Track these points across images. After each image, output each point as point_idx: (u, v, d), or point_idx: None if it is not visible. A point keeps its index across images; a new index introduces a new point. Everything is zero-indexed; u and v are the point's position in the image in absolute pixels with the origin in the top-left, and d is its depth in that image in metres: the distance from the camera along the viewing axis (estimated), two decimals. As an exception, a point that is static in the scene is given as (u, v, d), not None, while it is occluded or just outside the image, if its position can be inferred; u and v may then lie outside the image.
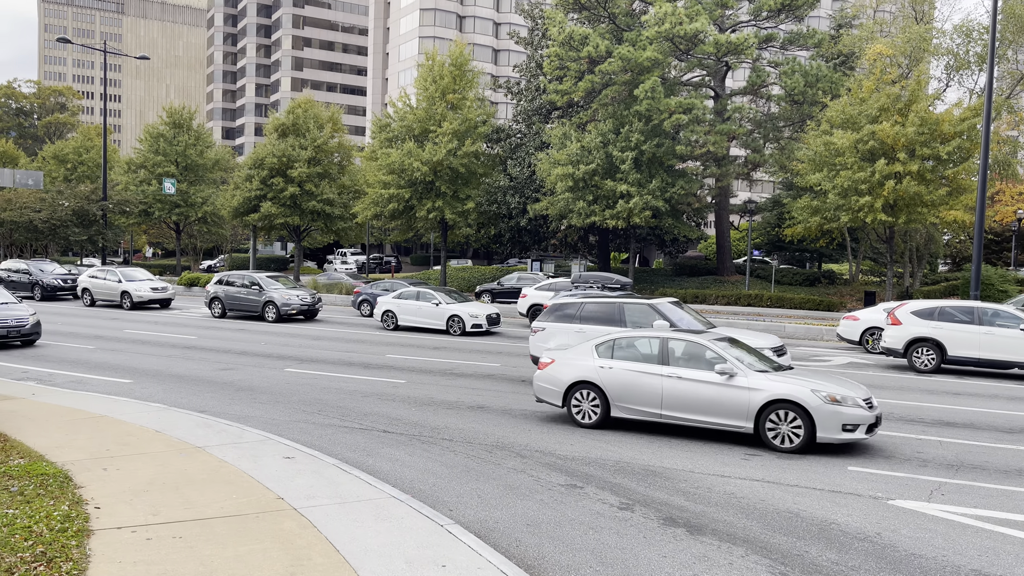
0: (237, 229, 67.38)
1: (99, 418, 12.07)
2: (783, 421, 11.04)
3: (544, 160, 40.86)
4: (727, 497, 8.94)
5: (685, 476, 9.80)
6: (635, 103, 38.57)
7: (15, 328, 20.89)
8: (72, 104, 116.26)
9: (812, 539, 7.60)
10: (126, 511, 7.55)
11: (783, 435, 11.06)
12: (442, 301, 26.98)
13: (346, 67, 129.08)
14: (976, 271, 25.03)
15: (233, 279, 31.28)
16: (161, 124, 58.71)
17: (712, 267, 49.03)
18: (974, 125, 32.24)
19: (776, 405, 11.06)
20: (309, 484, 8.61)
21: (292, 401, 14.37)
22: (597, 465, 10.25)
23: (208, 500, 7.98)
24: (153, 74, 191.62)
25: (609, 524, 7.89)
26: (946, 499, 9.07)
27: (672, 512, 8.34)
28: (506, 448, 11.10)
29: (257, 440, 10.80)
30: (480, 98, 44.67)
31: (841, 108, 33.56)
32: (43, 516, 7.12)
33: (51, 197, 50.79)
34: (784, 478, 9.77)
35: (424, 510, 7.81)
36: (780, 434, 11.07)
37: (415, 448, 11.01)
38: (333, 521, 7.37)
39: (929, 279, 47.56)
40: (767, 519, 8.18)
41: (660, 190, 38.17)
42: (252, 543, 6.76)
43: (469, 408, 13.95)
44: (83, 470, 9.01)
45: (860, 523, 8.10)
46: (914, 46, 43.05)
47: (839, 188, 32.24)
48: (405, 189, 41.53)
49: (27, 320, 21.19)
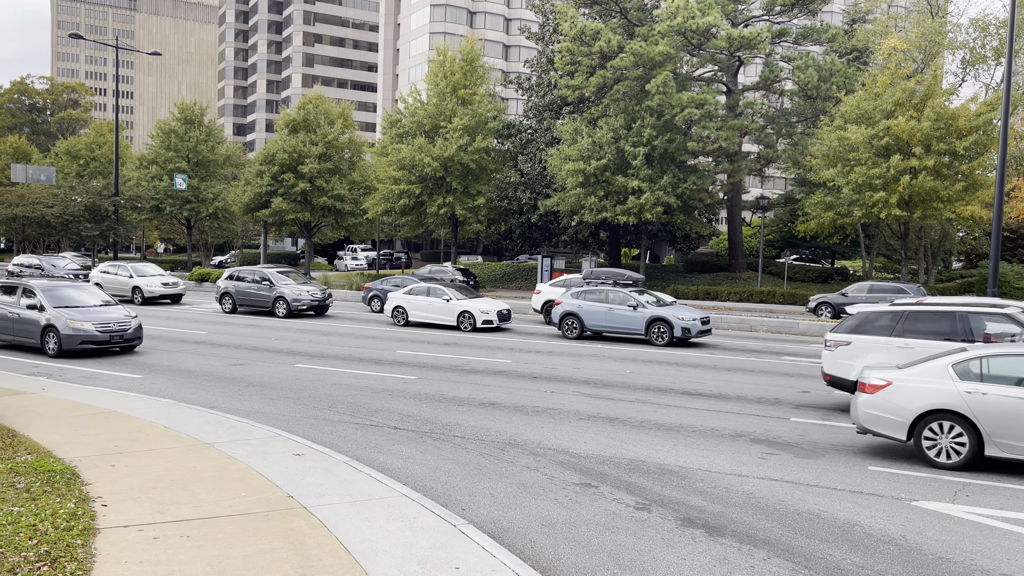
0: (248, 225, 67.41)
1: (108, 414, 11.97)
2: None
3: (555, 156, 40.64)
4: (746, 497, 8.74)
5: (702, 476, 9.60)
6: (647, 98, 38.28)
7: (118, 333, 18.76)
8: (84, 100, 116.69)
9: (835, 541, 7.39)
10: (133, 509, 7.42)
11: None
12: (453, 297, 26.82)
13: (357, 63, 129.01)
14: (994, 268, 24.63)
15: (244, 274, 31.22)
16: (173, 120, 58.77)
17: (724, 263, 48.68)
18: (991, 120, 31.81)
19: None
20: (319, 482, 8.46)
21: (302, 397, 14.24)
22: (611, 463, 10.06)
23: (217, 498, 7.84)
24: (165, 70, 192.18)
25: (626, 525, 7.71)
26: (971, 500, 8.83)
27: (690, 512, 8.15)
28: (518, 446, 10.93)
29: (267, 437, 10.67)
30: (491, 94, 44.48)
31: (855, 103, 33.20)
32: (49, 514, 6.99)
33: (63, 192, 50.92)
34: (803, 478, 9.56)
35: (436, 509, 7.65)
36: None
37: (426, 445, 10.86)
38: (344, 520, 7.21)
39: (943, 276, 47.08)
40: (788, 520, 7.98)
41: (672, 186, 37.89)
42: (261, 543, 6.61)
43: (480, 405, 13.78)
44: (91, 466, 8.89)
45: (884, 525, 7.89)
46: (929, 40, 42.59)
47: (853, 184, 31.89)
48: (416, 185, 41.39)
49: (129, 324, 19.14)
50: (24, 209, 50.53)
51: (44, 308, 18.65)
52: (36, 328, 18.59)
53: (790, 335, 27.55)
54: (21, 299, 19.19)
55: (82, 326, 18.29)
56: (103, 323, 18.59)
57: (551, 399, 14.40)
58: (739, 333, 27.79)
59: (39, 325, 18.53)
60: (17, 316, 19.08)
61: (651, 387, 15.88)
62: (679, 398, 14.76)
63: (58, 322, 18.22)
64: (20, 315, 19.01)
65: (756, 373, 18.08)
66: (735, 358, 20.66)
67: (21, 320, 18.99)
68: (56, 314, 18.42)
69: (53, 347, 18.26)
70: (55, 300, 18.91)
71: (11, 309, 19.28)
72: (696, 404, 14.19)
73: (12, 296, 19.54)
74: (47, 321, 18.39)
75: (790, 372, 18.34)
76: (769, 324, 28.71)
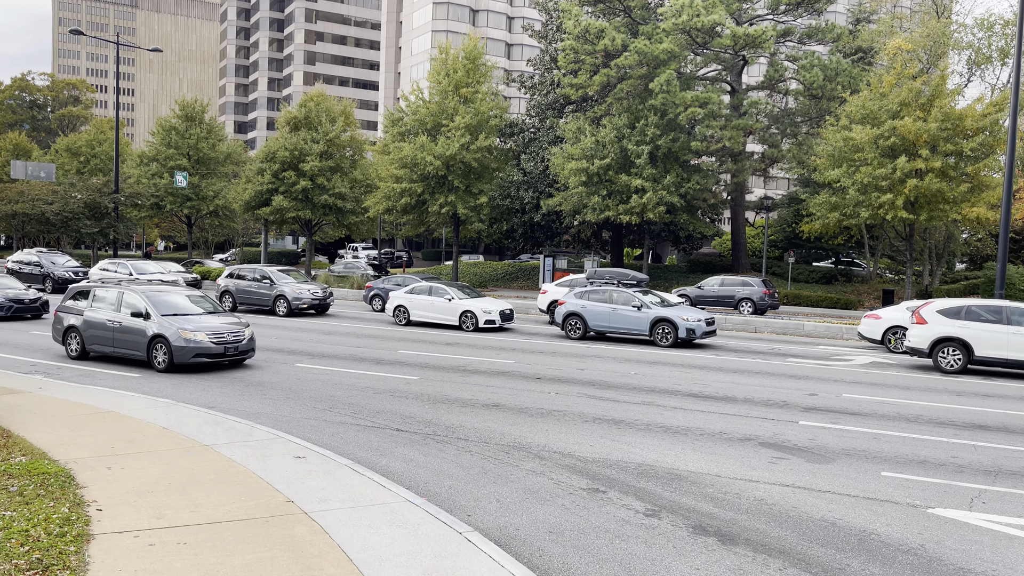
0: (248, 223, 67.20)
1: (105, 413, 11.76)
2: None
3: (558, 154, 40.42)
4: (757, 504, 8.51)
5: (711, 481, 9.38)
6: (650, 97, 38.07)
7: (232, 344, 16.71)
8: (85, 97, 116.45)
9: (852, 551, 7.16)
10: (129, 514, 7.20)
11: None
12: (455, 296, 26.60)
13: (358, 62, 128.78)
14: (1001, 270, 24.43)
15: (244, 273, 31.00)
16: (173, 117, 58.48)
17: (727, 264, 48.45)
18: (997, 120, 31.58)
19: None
20: (321, 486, 8.24)
21: (303, 397, 14.02)
22: (619, 468, 9.84)
23: (215, 503, 7.62)
24: (166, 68, 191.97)
25: (636, 532, 7.49)
26: (988, 508, 8.62)
27: (701, 519, 7.93)
28: (523, 449, 10.71)
29: (267, 438, 10.45)
30: (493, 92, 44.22)
31: (861, 103, 32.97)
32: (42, 519, 6.77)
33: (63, 189, 50.68)
34: (815, 483, 9.33)
35: (441, 515, 7.42)
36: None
37: (429, 448, 10.64)
38: (346, 527, 6.99)
39: (948, 278, 46.84)
40: (802, 528, 7.75)
41: (675, 185, 37.67)
42: (260, 550, 6.38)
43: (484, 406, 13.56)
44: (86, 469, 8.68)
45: (901, 534, 7.66)
46: (934, 41, 42.33)
47: (859, 184, 31.66)
48: (417, 183, 41.16)
49: (243, 333, 17.07)
50: (24, 206, 50.29)
51: (150, 316, 16.59)
52: (142, 339, 16.55)
53: (795, 336, 27.33)
54: (122, 305, 17.11)
55: (195, 337, 16.23)
56: (216, 333, 16.51)
57: (555, 401, 14.19)
58: (744, 334, 27.57)
59: (145, 336, 16.49)
60: (118, 325, 16.96)
61: (656, 389, 15.66)
62: (685, 400, 14.54)
63: (167, 332, 16.22)
64: (122, 324, 16.90)
65: (762, 375, 17.86)
66: (740, 360, 20.44)
67: (124, 330, 16.89)
68: (165, 323, 16.40)
69: (162, 361, 16.31)
70: (161, 307, 16.87)
71: (110, 316, 17.17)
72: (703, 407, 13.97)
73: (110, 301, 17.46)
74: (156, 331, 16.36)
75: (796, 374, 18.12)
76: (773, 325, 28.48)
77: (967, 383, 17.69)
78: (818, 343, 25.35)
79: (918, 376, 18.55)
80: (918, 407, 14.46)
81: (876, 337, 23.45)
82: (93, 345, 17.41)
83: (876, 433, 12.19)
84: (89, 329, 17.39)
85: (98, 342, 17.30)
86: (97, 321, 17.30)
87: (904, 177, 30.69)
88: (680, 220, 40.83)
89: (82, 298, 17.97)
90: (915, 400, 15.19)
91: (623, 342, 23.69)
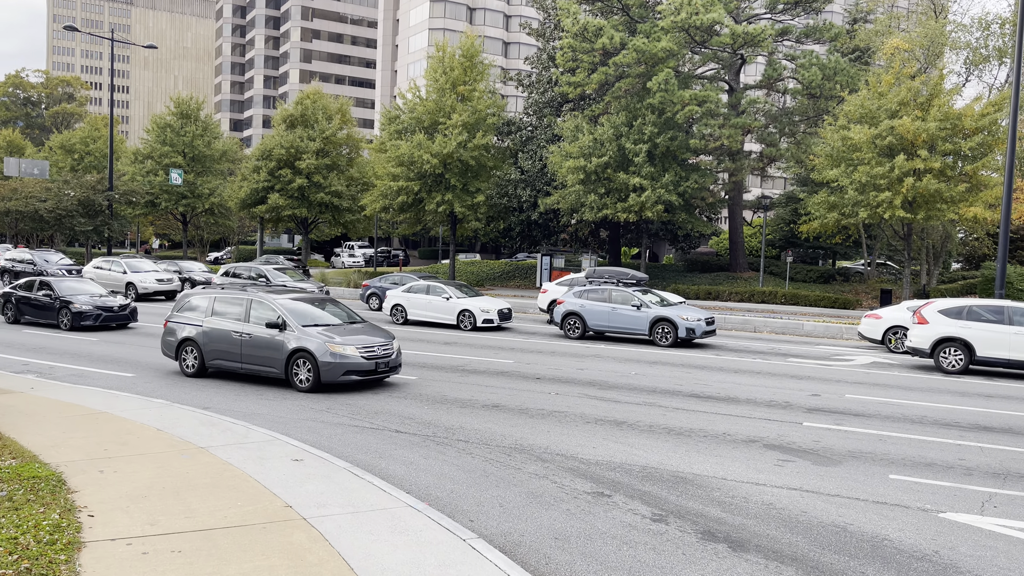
0: (244, 221, 66.84)
1: (98, 415, 11.54)
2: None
3: (556, 153, 40.23)
4: (766, 508, 8.33)
5: (718, 484, 9.19)
6: (649, 95, 37.88)
7: (383, 359, 14.65)
8: (80, 94, 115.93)
9: (866, 558, 6.98)
10: (122, 520, 6.99)
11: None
12: (452, 295, 26.40)
13: (355, 59, 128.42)
14: (1001, 269, 24.31)
15: (240, 271, 30.77)
16: (168, 114, 58.14)
17: (724, 263, 48.31)
18: (996, 120, 31.45)
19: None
20: (319, 490, 8.04)
21: (299, 398, 13.80)
22: (623, 471, 9.65)
23: (211, 508, 7.41)
24: (161, 65, 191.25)
25: (644, 538, 7.30)
26: (1000, 512, 8.45)
27: (710, 525, 7.74)
28: (525, 451, 10.52)
29: (264, 440, 10.24)
30: (491, 90, 44.00)
31: (859, 102, 32.82)
32: (31, 526, 6.55)
33: (57, 187, 50.34)
34: (823, 487, 9.16)
35: (444, 521, 7.22)
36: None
37: (429, 450, 10.44)
38: (346, 534, 6.79)
39: (944, 277, 46.76)
40: (813, 534, 7.57)
41: (673, 184, 37.50)
42: (258, 558, 6.18)
43: (484, 407, 13.36)
44: (78, 472, 8.46)
45: (914, 539, 7.49)
46: (932, 40, 42.25)
47: (857, 184, 31.53)
48: (414, 182, 40.92)
49: (392, 346, 15.11)
50: (17, 203, 49.96)
51: (288, 327, 14.54)
52: (278, 354, 14.48)
53: (795, 336, 27.19)
54: (251, 315, 15.05)
55: (344, 351, 14.18)
56: (367, 347, 14.50)
57: (556, 401, 14.00)
58: (743, 334, 27.42)
59: (283, 350, 14.43)
60: (248, 338, 14.83)
61: (658, 389, 15.49)
62: (687, 401, 14.36)
63: (311, 345, 14.17)
64: (253, 336, 14.78)
65: (764, 375, 17.70)
66: (741, 359, 20.28)
67: (255, 343, 14.77)
68: (307, 335, 14.36)
69: (306, 379, 14.26)
70: (299, 316, 14.86)
71: (239, 328, 15.02)
72: (705, 407, 13.80)
73: (235, 310, 15.32)
74: (296, 344, 14.32)
75: (797, 374, 17.96)
76: (773, 325, 28.34)
77: (969, 384, 17.55)
78: (818, 343, 25.21)
79: (920, 376, 18.40)
80: (922, 408, 14.30)
81: (876, 337, 23.31)
82: (215, 360, 15.31)
83: (881, 435, 12.03)
84: (211, 343, 15.25)
85: (221, 357, 15.20)
86: (220, 333, 15.16)
87: (902, 176, 30.56)
88: (678, 219, 40.67)
89: (225, 305, 15.57)
90: (918, 401, 15.04)
91: (622, 342, 23.51)
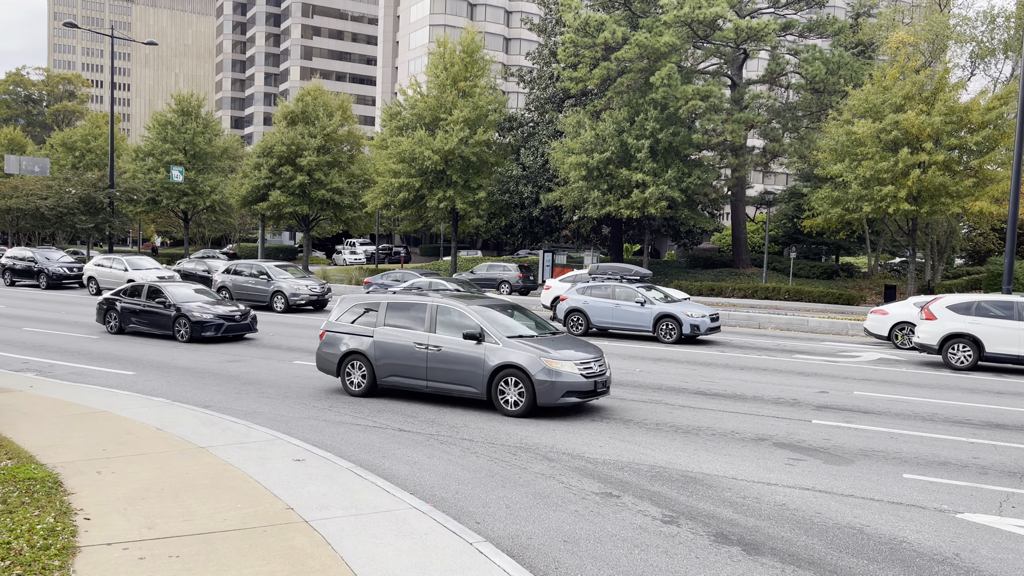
0: (245, 218, 66.70)
1: (97, 413, 11.36)
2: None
3: (558, 149, 40.00)
4: (779, 509, 8.13)
5: (728, 484, 9.00)
6: (651, 91, 37.65)
7: (599, 377, 12.38)
8: (81, 92, 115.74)
9: (885, 562, 6.77)
10: (119, 523, 6.79)
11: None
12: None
13: (356, 56, 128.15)
14: (1009, 265, 24.07)
15: (241, 268, 30.57)
16: (169, 112, 57.94)
17: (727, 259, 48.07)
18: (1002, 114, 31.19)
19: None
20: (322, 492, 7.84)
21: (302, 396, 13.62)
22: (631, 470, 9.46)
23: (210, 510, 7.22)
24: (162, 63, 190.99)
25: (655, 541, 7.10)
26: (1018, 512, 8.25)
27: (722, 527, 7.54)
28: (531, 450, 10.32)
29: (265, 440, 10.05)
30: (492, 86, 43.79)
31: (864, 97, 32.56)
32: (25, 530, 6.35)
33: (58, 184, 50.16)
34: (836, 487, 8.96)
35: (449, 524, 7.02)
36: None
37: (433, 449, 10.25)
38: (349, 537, 6.59)
39: (948, 273, 46.53)
40: (829, 536, 7.37)
41: (676, 180, 37.27)
42: (258, 564, 5.98)
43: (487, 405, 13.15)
44: (75, 473, 8.27)
45: (933, 542, 7.29)
46: (936, 33, 41.93)
47: (861, 178, 31.28)
48: (416, 178, 40.71)
49: (605, 362, 12.85)
50: (18, 201, 49.79)
51: (488, 338, 12.36)
52: (480, 370, 12.28)
53: (800, 332, 26.98)
54: (438, 323, 12.85)
55: (560, 367, 11.95)
56: (583, 362, 12.20)
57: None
58: (747, 330, 27.21)
59: (486, 366, 12.21)
60: (436, 351, 12.66)
61: (663, 386, 15.28)
62: (693, 398, 14.16)
63: (521, 359, 11.99)
64: (443, 349, 12.62)
65: (770, 372, 17.50)
66: (746, 356, 20.08)
67: (446, 357, 12.59)
68: (512, 348, 12.16)
69: (516, 401, 12.09)
70: (500, 326, 12.73)
71: (422, 339, 12.82)
72: (712, 405, 13.60)
73: (416, 317, 13.09)
74: (502, 359, 12.10)
75: (804, 371, 17.76)
76: (778, 321, 28.13)
77: (979, 380, 17.34)
78: (823, 339, 24.99)
79: (928, 373, 18.19)
80: (932, 405, 14.10)
81: (883, 333, 23.09)
82: (390, 377, 13.23)
83: (892, 432, 11.82)
84: (384, 357, 13.13)
85: (398, 372, 13.11)
86: (397, 345, 13.01)
87: (907, 170, 30.33)
88: (681, 215, 40.43)
89: (400, 312, 13.43)
90: (928, 398, 14.83)
91: (626, 338, 23.31)
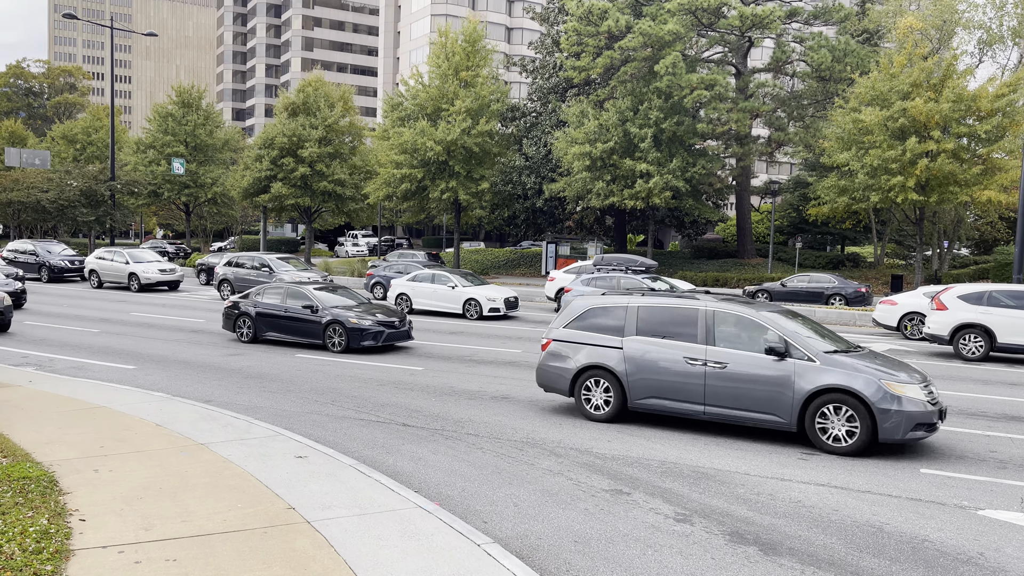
0: (247, 210, 66.45)
1: (96, 409, 11.15)
2: None
3: (561, 139, 39.67)
4: (794, 506, 7.90)
5: (741, 480, 8.77)
6: (655, 79, 37.30)
7: (940, 405, 10.24)
8: (81, 84, 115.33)
9: (908, 562, 6.54)
10: (115, 525, 6.58)
11: None
12: (458, 284, 25.95)
13: (357, 47, 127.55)
14: (1019, 254, 23.82)
15: (243, 261, 30.36)
16: (170, 104, 57.62)
17: (731, 249, 47.76)
18: (1012, 101, 30.82)
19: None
20: (324, 490, 7.63)
21: (304, 390, 13.41)
22: (641, 466, 9.23)
23: (209, 510, 7.01)
24: (163, 55, 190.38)
25: (669, 541, 6.87)
26: (1040, 508, 8.01)
27: (737, 525, 7.31)
28: (538, 445, 10.10)
29: (266, 436, 9.84)
30: (494, 76, 43.40)
31: (871, 84, 32.19)
32: (17, 532, 6.14)
33: (59, 177, 49.91)
34: (852, 483, 8.72)
35: (456, 524, 6.80)
36: None
37: (438, 445, 10.03)
38: (352, 539, 6.37)
39: (956, 262, 46.22)
40: (848, 535, 7.14)
41: (680, 170, 36.94)
42: (259, 568, 5.76)
43: (493, 398, 12.95)
44: (71, 472, 8.06)
45: (956, 540, 7.05)
46: (944, 20, 41.47)
47: (868, 167, 30.95)
48: (418, 169, 40.41)
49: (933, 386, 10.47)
50: (19, 194, 49.54)
51: (797, 352, 10.15)
52: (787, 395, 10.05)
53: (806, 323, 26.69)
54: (717, 334, 10.61)
55: (906, 393, 9.73)
56: (924, 384, 10.13)
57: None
58: (753, 321, 26.91)
59: (797, 390, 9.98)
60: (719, 369, 10.41)
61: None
62: (703, 391, 13.89)
63: (856, 384, 9.71)
64: (728, 367, 10.37)
65: (779, 364, 17.22)
66: (754, 348, 19.80)
67: (735, 377, 10.34)
68: (833, 366, 9.94)
69: (845, 435, 9.81)
70: (805, 339, 10.35)
71: (695, 353, 10.63)
72: (722, 398, 13.33)
73: (680, 324, 10.90)
74: (823, 383, 9.84)
75: (814, 363, 17.48)
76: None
77: (992, 371, 17.08)
78: (831, 329, 24.69)
79: (939, 364, 17.93)
80: (945, 397, 13.82)
81: (892, 323, 22.81)
82: (647, 399, 11.02)
83: (907, 426, 11.56)
84: (640, 373, 10.97)
85: (660, 394, 10.89)
86: (659, 362, 10.88)
87: (915, 159, 29.98)
88: (685, 205, 40.12)
89: (584, 321, 11.71)
90: (940, 389, 14.54)
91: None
